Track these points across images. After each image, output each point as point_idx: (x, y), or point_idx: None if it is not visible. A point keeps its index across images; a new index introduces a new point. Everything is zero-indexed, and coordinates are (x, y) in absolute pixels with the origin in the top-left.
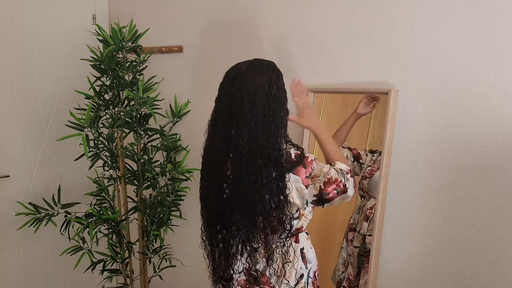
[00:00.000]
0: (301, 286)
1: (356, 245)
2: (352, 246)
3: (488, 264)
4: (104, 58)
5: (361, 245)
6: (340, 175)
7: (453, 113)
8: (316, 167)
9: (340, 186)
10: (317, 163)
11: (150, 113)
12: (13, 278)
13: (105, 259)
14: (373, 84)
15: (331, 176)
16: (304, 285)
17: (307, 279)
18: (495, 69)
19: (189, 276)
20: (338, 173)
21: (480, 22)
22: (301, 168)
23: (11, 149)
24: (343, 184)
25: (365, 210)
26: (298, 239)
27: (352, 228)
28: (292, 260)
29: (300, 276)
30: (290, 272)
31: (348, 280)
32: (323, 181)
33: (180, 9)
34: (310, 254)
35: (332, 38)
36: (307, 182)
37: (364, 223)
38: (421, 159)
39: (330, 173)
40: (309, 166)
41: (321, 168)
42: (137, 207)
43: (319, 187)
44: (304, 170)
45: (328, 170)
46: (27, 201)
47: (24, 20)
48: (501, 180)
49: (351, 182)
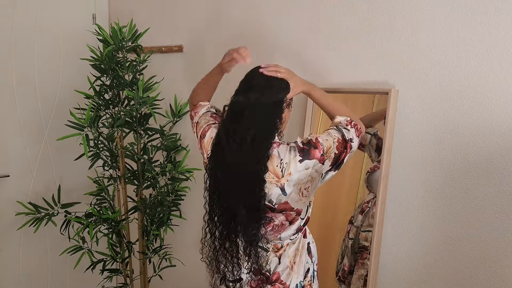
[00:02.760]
0: (308, 280)
1: (351, 237)
2: (348, 237)
3: (488, 264)
4: (104, 58)
5: (355, 237)
6: (338, 132)
7: (453, 113)
8: (324, 141)
9: (344, 145)
10: (321, 138)
11: (150, 113)
12: (13, 278)
13: (105, 259)
14: (373, 84)
15: (337, 138)
16: (310, 278)
17: (313, 272)
18: (495, 69)
19: (189, 276)
20: (337, 131)
21: (480, 22)
22: (313, 150)
23: (11, 149)
24: (345, 139)
25: (362, 204)
26: (306, 234)
27: (350, 220)
28: (300, 255)
29: (307, 270)
30: (299, 267)
31: (343, 270)
32: (335, 146)
33: (180, 9)
34: (314, 249)
35: (332, 38)
36: (323, 160)
37: (359, 216)
38: (421, 159)
39: (334, 136)
40: (318, 144)
41: (327, 139)
42: (137, 207)
43: (333, 154)
44: (317, 150)
45: (331, 135)
46: (27, 201)
47: (24, 20)
48: (501, 180)
49: (352, 132)
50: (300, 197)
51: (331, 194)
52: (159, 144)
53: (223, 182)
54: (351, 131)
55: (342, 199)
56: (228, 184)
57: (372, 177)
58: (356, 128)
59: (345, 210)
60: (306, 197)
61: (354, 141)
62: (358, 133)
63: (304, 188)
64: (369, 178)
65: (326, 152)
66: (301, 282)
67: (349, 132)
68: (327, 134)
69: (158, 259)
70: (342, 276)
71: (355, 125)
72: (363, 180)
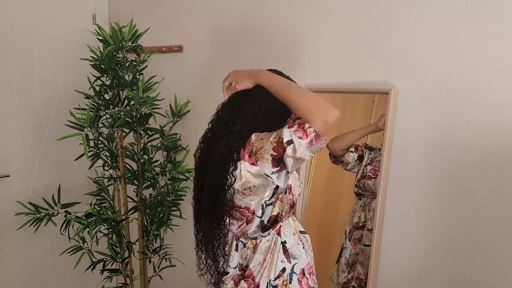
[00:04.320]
0: (282, 280)
1: (366, 244)
2: (361, 244)
3: (488, 264)
4: (104, 58)
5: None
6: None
7: (453, 113)
8: (257, 141)
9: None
10: (256, 138)
11: (150, 113)
12: (13, 278)
13: (105, 259)
14: (373, 84)
15: (278, 138)
16: (286, 278)
17: (290, 274)
18: (495, 69)
19: (189, 276)
20: (279, 131)
21: (480, 22)
22: (242, 151)
23: (11, 149)
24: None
25: (373, 208)
26: (280, 232)
27: (358, 226)
28: (273, 252)
29: (282, 269)
30: (271, 265)
31: (358, 279)
32: (271, 147)
33: (180, 9)
34: (296, 250)
35: (332, 38)
36: (252, 161)
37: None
38: (421, 159)
39: (276, 135)
40: (248, 145)
41: (262, 138)
42: (137, 207)
43: (269, 156)
44: (245, 151)
45: (273, 134)
46: (27, 201)
47: (24, 20)
48: (501, 180)
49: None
50: (242, 196)
51: (331, 194)
52: (159, 144)
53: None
54: (290, 131)
55: (342, 199)
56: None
57: (378, 182)
58: (301, 127)
59: (345, 210)
60: (249, 196)
61: (295, 143)
62: (305, 133)
63: (243, 188)
64: (375, 184)
65: (256, 153)
66: (272, 281)
67: (287, 133)
68: (271, 133)
69: (158, 259)
70: (358, 285)
71: (300, 124)
72: (368, 187)
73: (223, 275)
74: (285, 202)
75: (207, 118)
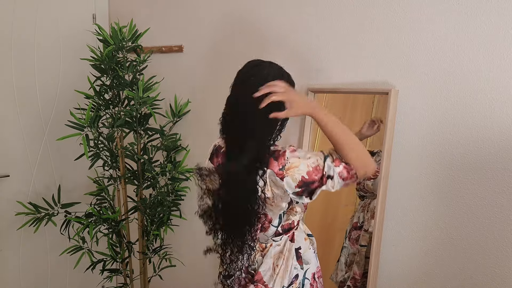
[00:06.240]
0: (295, 286)
1: (363, 244)
2: (358, 245)
3: (488, 264)
4: (104, 58)
5: (369, 244)
6: (323, 158)
7: (453, 113)
8: (292, 157)
9: (320, 175)
10: (292, 154)
11: (150, 113)
12: (13, 278)
13: (105, 259)
14: (373, 84)
15: (317, 165)
16: (299, 285)
17: (302, 280)
18: (495, 69)
19: (189, 276)
20: (323, 158)
21: (480, 22)
22: (272, 160)
23: (11, 149)
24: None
25: (372, 208)
26: (293, 238)
27: (357, 226)
28: (286, 258)
29: (295, 276)
30: (284, 272)
31: (354, 279)
32: (305, 171)
33: (180, 9)
34: (308, 255)
35: (332, 38)
36: (281, 175)
37: (372, 221)
38: (421, 159)
39: (314, 160)
40: (281, 158)
41: (299, 157)
42: (137, 207)
43: (300, 177)
44: (276, 163)
45: (312, 157)
46: (27, 201)
47: (24, 20)
48: (501, 180)
49: (337, 171)
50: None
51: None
52: (159, 144)
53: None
54: (335, 169)
55: (342, 200)
56: None
57: (376, 183)
58: (347, 170)
59: (345, 210)
60: (270, 205)
61: (335, 181)
62: (349, 176)
63: (267, 197)
64: (374, 184)
65: (288, 169)
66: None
67: (331, 169)
68: (309, 153)
69: (158, 259)
70: (353, 285)
71: (345, 167)
72: (367, 187)
73: (230, 277)
74: (299, 211)
75: (207, 118)
